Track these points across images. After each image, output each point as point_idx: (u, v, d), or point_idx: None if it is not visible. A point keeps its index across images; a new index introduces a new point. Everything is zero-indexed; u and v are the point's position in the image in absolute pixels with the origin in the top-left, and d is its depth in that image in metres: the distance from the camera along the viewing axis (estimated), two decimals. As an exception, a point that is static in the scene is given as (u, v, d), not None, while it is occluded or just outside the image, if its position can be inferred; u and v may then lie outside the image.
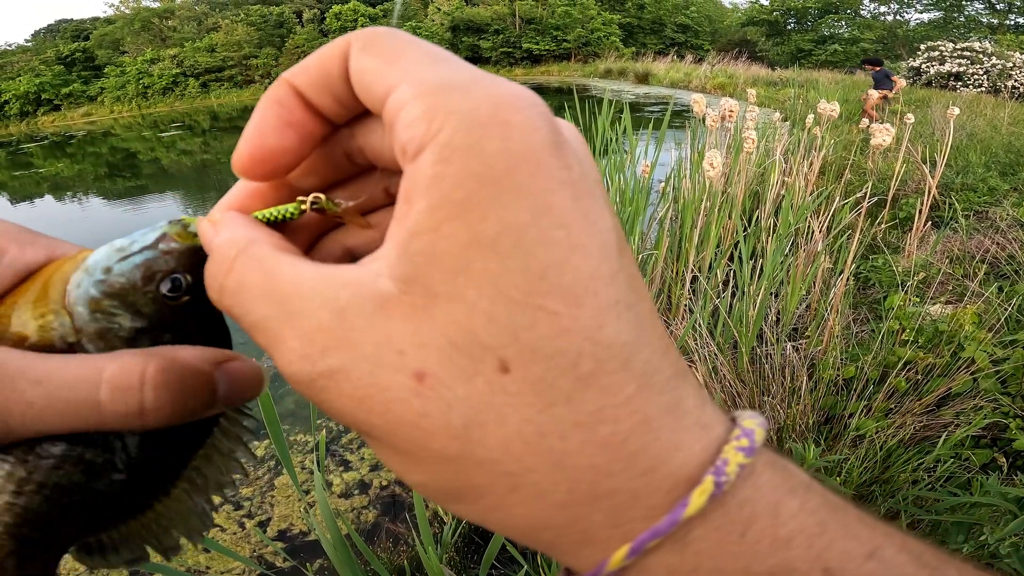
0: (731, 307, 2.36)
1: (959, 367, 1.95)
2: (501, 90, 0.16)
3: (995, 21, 23.91)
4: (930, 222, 3.61)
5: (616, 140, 3.21)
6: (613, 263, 0.16)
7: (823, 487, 0.18)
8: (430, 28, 29.58)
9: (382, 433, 0.16)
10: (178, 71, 27.98)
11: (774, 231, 2.89)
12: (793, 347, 2.18)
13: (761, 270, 2.37)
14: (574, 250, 0.15)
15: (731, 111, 3.04)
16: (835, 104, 3.54)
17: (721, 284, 2.69)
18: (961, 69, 12.93)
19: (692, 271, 2.64)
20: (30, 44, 32.58)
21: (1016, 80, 12.09)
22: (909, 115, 3.88)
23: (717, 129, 3.21)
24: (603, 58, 27.10)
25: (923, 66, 13.68)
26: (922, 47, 14.33)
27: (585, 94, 14.07)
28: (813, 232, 2.76)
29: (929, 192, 3.27)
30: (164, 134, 17.62)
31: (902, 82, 6.57)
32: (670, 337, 0.18)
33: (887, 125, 2.34)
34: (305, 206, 0.20)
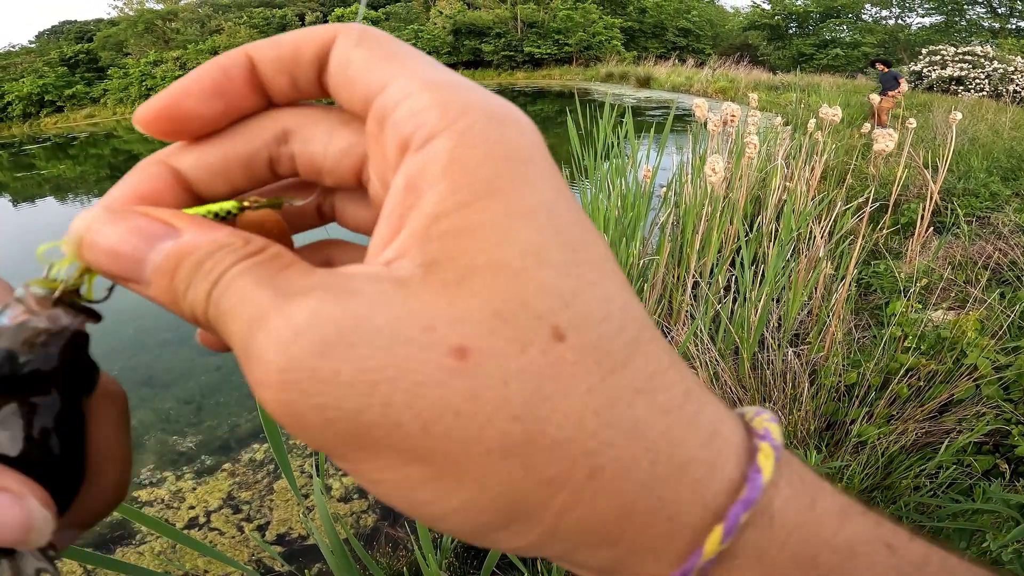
0: (732, 313, 2.36)
1: (961, 373, 1.94)
2: (499, 98, 0.16)
3: (996, 25, 23.92)
4: (932, 227, 3.61)
5: (618, 144, 3.20)
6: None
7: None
8: (432, 31, 29.66)
9: (405, 436, 0.13)
10: (181, 73, 27.91)
11: (776, 236, 2.88)
12: (795, 353, 2.17)
13: (763, 275, 2.36)
14: (592, 229, 0.16)
15: (733, 116, 3.04)
16: (837, 109, 3.54)
17: (722, 290, 2.68)
18: (963, 73, 12.94)
19: (693, 276, 2.63)
20: (34, 45, 32.71)
21: (1018, 84, 12.09)
22: (911, 120, 3.88)
23: (719, 134, 3.21)
24: (604, 62, 27.14)
25: (925, 70, 13.70)
26: (924, 51, 14.35)
27: (586, 98, 14.10)
28: (815, 237, 2.76)
29: (931, 197, 3.27)
30: (166, 136, 17.64)
31: (905, 86, 6.57)
32: None
33: (890, 130, 2.33)
34: (247, 203, 0.17)
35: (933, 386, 1.93)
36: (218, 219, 0.16)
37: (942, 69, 13.33)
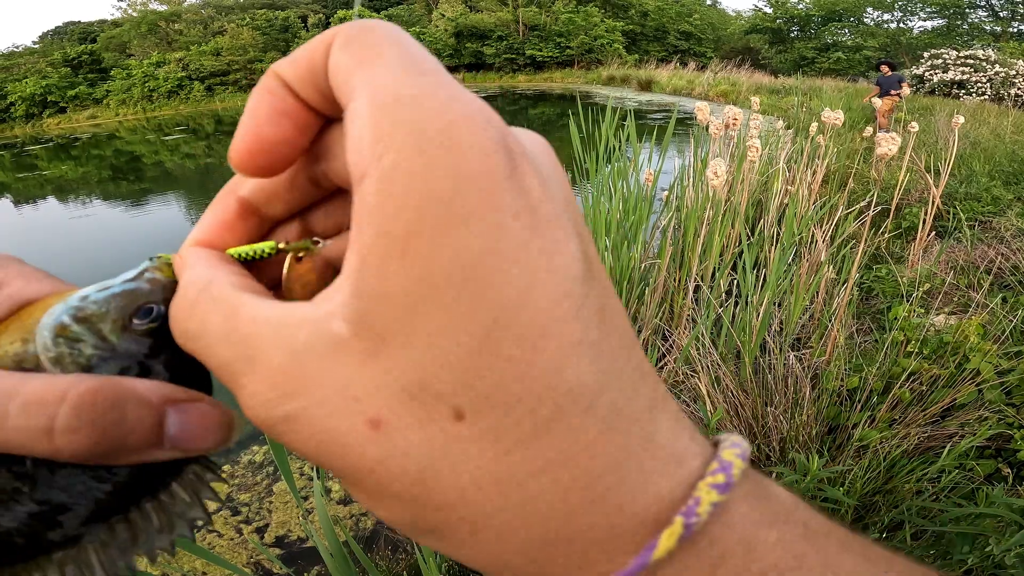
0: (734, 316, 2.35)
1: (964, 378, 1.94)
2: (456, 107, 0.14)
3: (998, 29, 23.94)
4: (934, 232, 3.60)
5: (620, 148, 3.20)
6: (576, 298, 0.15)
7: (809, 511, 0.17)
8: (434, 34, 29.72)
9: (343, 474, 0.16)
10: (183, 74, 28.13)
11: (777, 240, 2.88)
12: (796, 357, 2.17)
13: (764, 279, 2.36)
14: (530, 288, 0.14)
15: (735, 119, 3.04)
16: (839, 112, 3.54)
17: (724, 293, 2.68)
18: (964, 77, 12.95)
19: (695, 280, 2.63)
20: (37, 46, 32.82)
21: (1019, 88, 12.09)
22: (913, 123, 3.87)
23: (721, 137, 3.20)
24: (606, 65, 27.19)
25: (926, 74, 13.71)
26: (925, 55, 14.36)
27: (588, 101, 14.11)
28: (816, 242, 2.76)
29: (933, 202, 3.26)
30: (168, 137, 17.70)
31: (907, 90, 6.56)
32: (648, 363, 0.17)
33: (893, 134, 2.33)
34: (282, 244, 0.19)
35: (935, 390, 1.92)
36: (260, 258, 0.20)
37: (944, 73, 13.34)
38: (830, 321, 2.36)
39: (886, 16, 27.02)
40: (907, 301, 2.44)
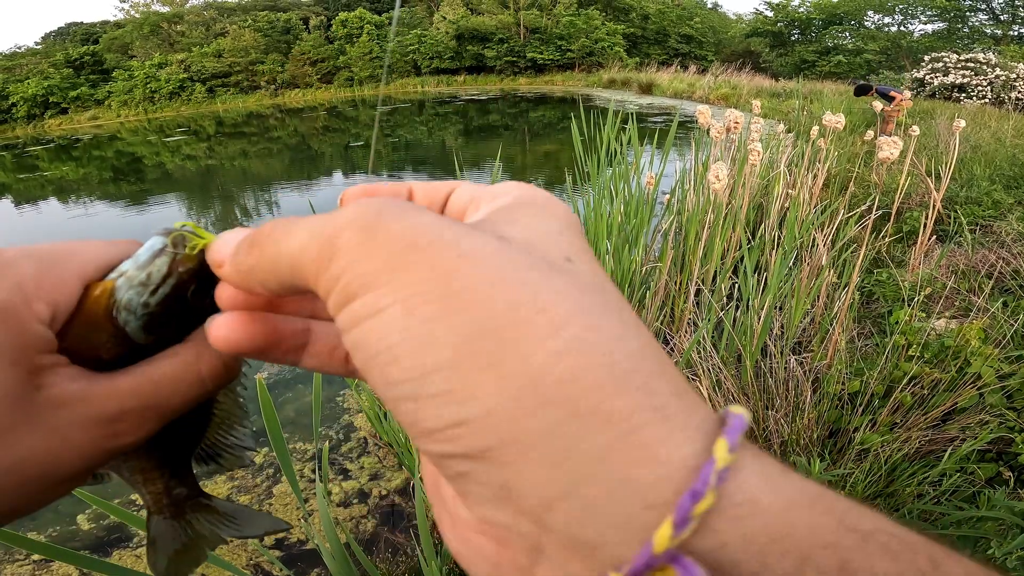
0: (735, 320, 2.35)
1: (965, 382, 1.93)
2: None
3: (999, 32, 23.97)
4: (935, 236, 3.60)
5: (622, 151, 3.21)
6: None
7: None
8: (435, 36, 29.76)
9: None
10: (185, 76, 28.17)
11: (778, 244, 2.88)
12: (797, 361, 2.17)
13: (765, 283, 2.36)
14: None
15: (736, 122, 3.04)
16: (840, 116, 3.54)
17: (725, 297, 2.68)
18: (965, 80, 12.94)
19: (696, 283, 2.63)
20: (39, 47, 32.86)
21: (1020, 92, 12.09)
22: (914, 127, 3.87)
23: (722, 141, 3.21)
24: (607, 68, 27.22)
25: (927, 77, 13.71)
26: (926, 58, 14.36)
27: (589, 104, 14.13)
28: (818, 245, 2.76)
29: (934, 206, 3.26)
30: (169, 139, 17.72)
31: (908, 103, 6.53)
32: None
33: (895, 138, 2.33)
34: None
35: (936, 394, 1.92)
36: None
37: (944, 76, 13.34)
38: (831, 325, 2.36)
39: (887, 19, 27.06)
40: (908, 305, 2.44)
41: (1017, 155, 5.46)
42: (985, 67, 12.94)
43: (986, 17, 24.57)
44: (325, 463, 1.35)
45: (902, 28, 26.95)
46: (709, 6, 37.16)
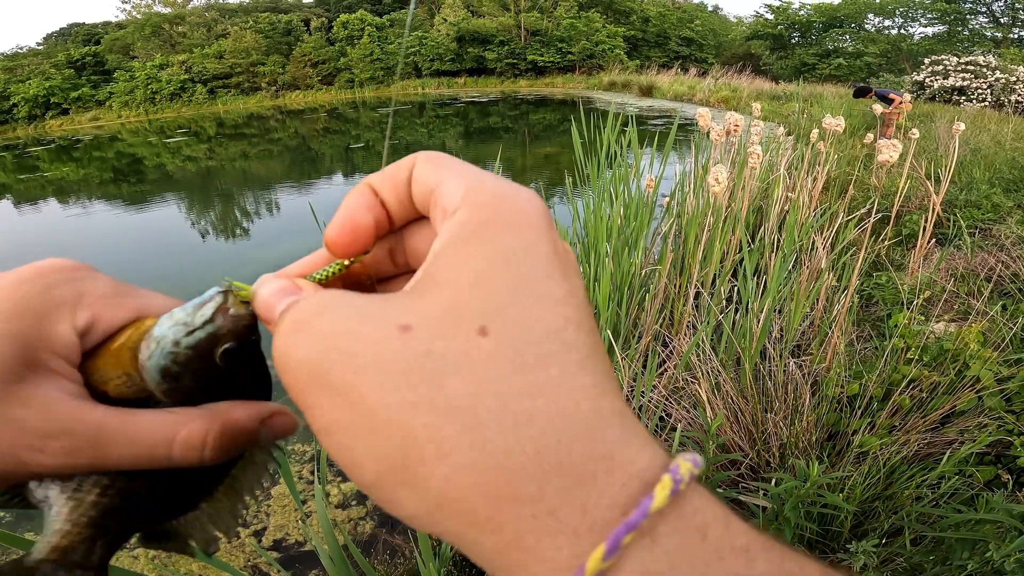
0: (734, 323, 2.35)
1: (964, 385, 1.94)
2: (508, 182, 0.22)
3: (999, 35, 24.01)
4: (934, 239, 3.61)
5: (622, 153, 3.21)
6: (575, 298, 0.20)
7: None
8: (436, 38, 29.81)
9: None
10: (186, 77, 28.21)
11: (778, 247, 2.88)
12: (796, 364, 2.17)
13: (765, 286, 2.36)
14: (550, 276, 0.19)
15: (736, 125, 3.04)
16: (840, 119, 3.54)
17: (724, 300, 2.68)
18: (965, 83, 12.95)
19: (695, 286, 2.63)
20: (41, 47, 32.93)
21: (1020, 95, 12.09)
22: (914, 130, 3.88)
23: (722, 143, 3.21)
24: (607, 70, 27.25)
25: (927, 80, 13.72)
26: (926, 61, 14.36)
27: (589, 106, 14.13)
28: (817, 248, 2.76)
29: (933, 209, 3.27)
30: (170, 140, 17.75)
31: (908, 105, 6.53)
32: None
33: (895, 141, 2.33)
34: (347, 262, 0.25)
35: (935, 397, 1.92)
36: (332, 276, 0.25)
37: (944, 79, 13.35)
38: (830, 328, 2.36)
39: (887, 22, 27.11)
40: (907, 308, 2.44)
41: (1017, 158, 5.46)
42: (985, 70, 12.94)
43: (986, 20, 24.61)
44: (323, 465, 1.35)
45: (902, 31, 27.00)
46: (710, 9, 37.24)
